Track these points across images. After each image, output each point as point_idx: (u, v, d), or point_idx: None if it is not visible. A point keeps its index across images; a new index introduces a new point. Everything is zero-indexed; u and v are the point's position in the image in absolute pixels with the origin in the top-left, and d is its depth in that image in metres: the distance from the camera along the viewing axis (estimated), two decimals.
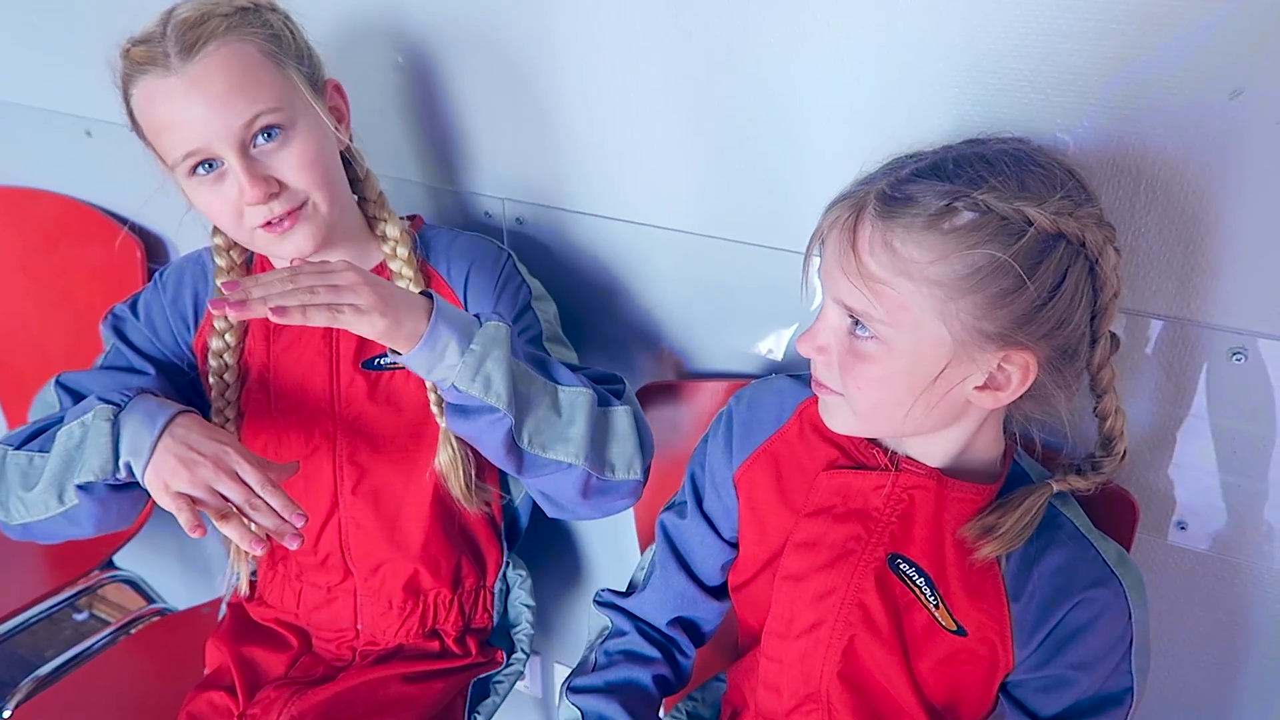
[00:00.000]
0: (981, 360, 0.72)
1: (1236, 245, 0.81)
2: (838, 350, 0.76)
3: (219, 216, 0.92)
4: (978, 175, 0.70)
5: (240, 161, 0.87)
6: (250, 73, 0.88)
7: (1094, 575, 0.78)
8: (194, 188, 0.91)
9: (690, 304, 1.11)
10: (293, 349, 1.03)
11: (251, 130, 0.88)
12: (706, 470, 0.95)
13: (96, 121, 1.48)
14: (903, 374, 0.73)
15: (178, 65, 0.85)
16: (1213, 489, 0.90)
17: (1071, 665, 0.77)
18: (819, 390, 0.81)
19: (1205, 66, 0.76)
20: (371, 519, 1.07)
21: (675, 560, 0.96)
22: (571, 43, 1.04)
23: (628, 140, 1.06)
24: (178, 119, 0.87)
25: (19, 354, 1.67)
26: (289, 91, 0.90)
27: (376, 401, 1.03)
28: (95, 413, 0.88)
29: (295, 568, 1.13)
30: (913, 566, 0.81)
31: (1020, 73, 0.83)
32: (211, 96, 0.86)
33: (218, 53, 0.86)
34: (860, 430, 0.82)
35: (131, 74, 0.88)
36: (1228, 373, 0.85)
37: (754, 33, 0.94)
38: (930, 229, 0.68)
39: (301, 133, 0.91)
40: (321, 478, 1.06)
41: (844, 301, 0.74)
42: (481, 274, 1.02)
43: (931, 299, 0.69)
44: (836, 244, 0.74)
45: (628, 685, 0.94)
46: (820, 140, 0.95)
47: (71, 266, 1.56)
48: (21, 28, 1.49)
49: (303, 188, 0.90)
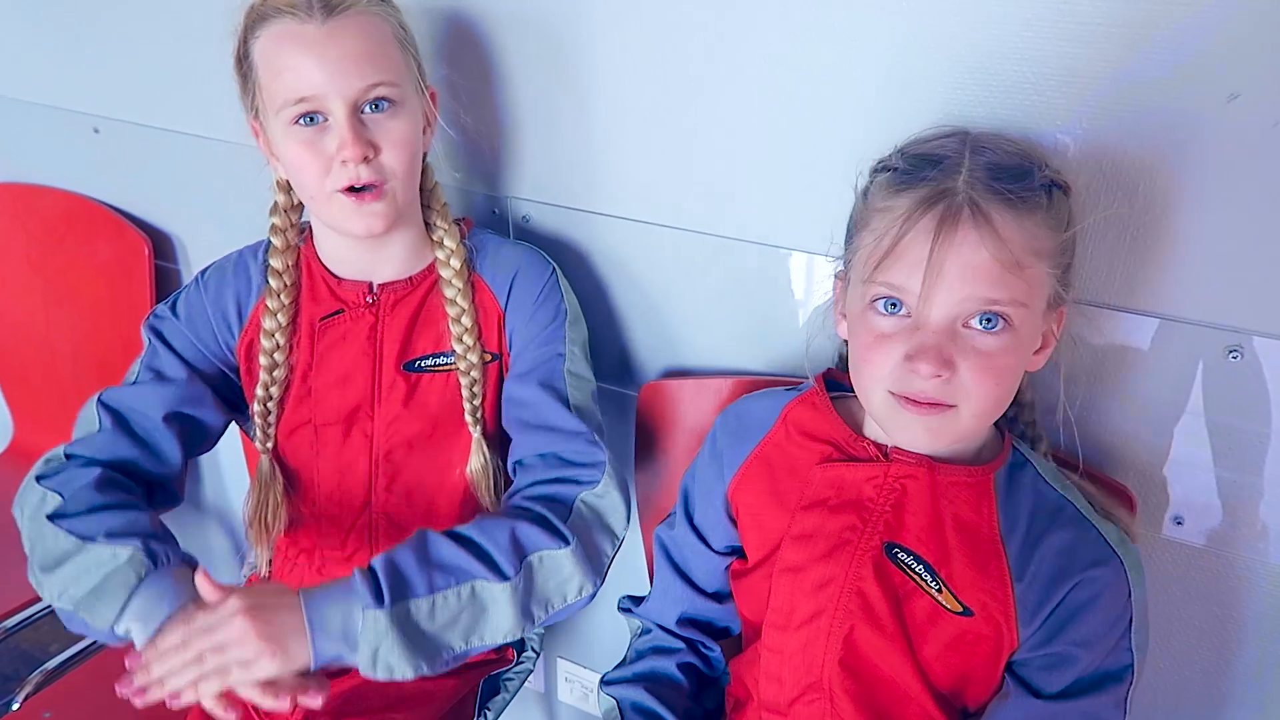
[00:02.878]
0: (1046, 321, 0.79)
1: (1233, 244, 0.82)
2: (965, 355, 0.74)
3: (305, 169, 0.93)
4: (1023, 154, 0.76)
5: (349, 118, 0.90)
6: (380, 45, 0.92)
7: (1095, 555, 0.79)
8: (289, 136, 0.92)
9: (693, 301, 1.12)
10: (337, 348, 1.04)
11: (367, 96, 0.91)
12: (697, 483, 0.98)
13: (104, 118, 1.49)
14: (1025, 355, 0.77)
15: (319, 18, 0.89)
16: (1209, 485, 0.91)
17: (1074, 643, 0.79)
18: (925, 412, 0.76)
19: (1203, 70, 0.78)
20: (403, 516, 1.08)
21: (672, 569, 1.00)
22: (579, 41, 1.06)
23: (633, 139, 1.07)
24: (304, 65, 0.89)
25: (26, 349, 1.68)
26: (406, 75, 0.95)
27: (415, 402, 1.05)
28: (129, 559, 0.88)
29: (318, 560, 1.14)
30: (910, 554, 0.82)
31: (1019, 74, 0.84)
32: (344, 53, 0.89)
33: (358, 19, 0.91)
34: (964, 438, 0.80)
35: (267, 14, 0.91)
36: (1224, 370, 0.86)
37: (760, 33, 0.95)
38: (1038, 208, 0.74)
39: (406, 114, 0.94)
40: (357, 474, 1.07)
41: (989, 295, 0.72)
42: (524, 286, 1.04)
43: (1047, 270, 0.75)
44: (970, 242, 0.71)
45: (654, 674, 0.99)
46: (824, 139, 0.96)
47: (78, 262, 1.57)
48: (29, 25, 1.50)
49: (391, 165, 0.93)
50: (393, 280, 1.04)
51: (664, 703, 0.95)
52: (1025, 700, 0.80)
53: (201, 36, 1.32)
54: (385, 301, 1.04)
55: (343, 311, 1.04)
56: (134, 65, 1.42)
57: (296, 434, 1.08)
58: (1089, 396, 0.92)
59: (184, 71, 1.37)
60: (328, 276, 1.04)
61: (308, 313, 1.05)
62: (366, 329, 1.03)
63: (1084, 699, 0.79)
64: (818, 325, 1.01)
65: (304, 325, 1.05)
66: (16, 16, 1.51)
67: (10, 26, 1.52)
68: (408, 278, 1.04)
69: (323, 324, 1.04)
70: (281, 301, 1.03)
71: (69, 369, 1.63)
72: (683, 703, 0.97)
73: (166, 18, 1.35)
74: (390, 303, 1.04)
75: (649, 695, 0.96)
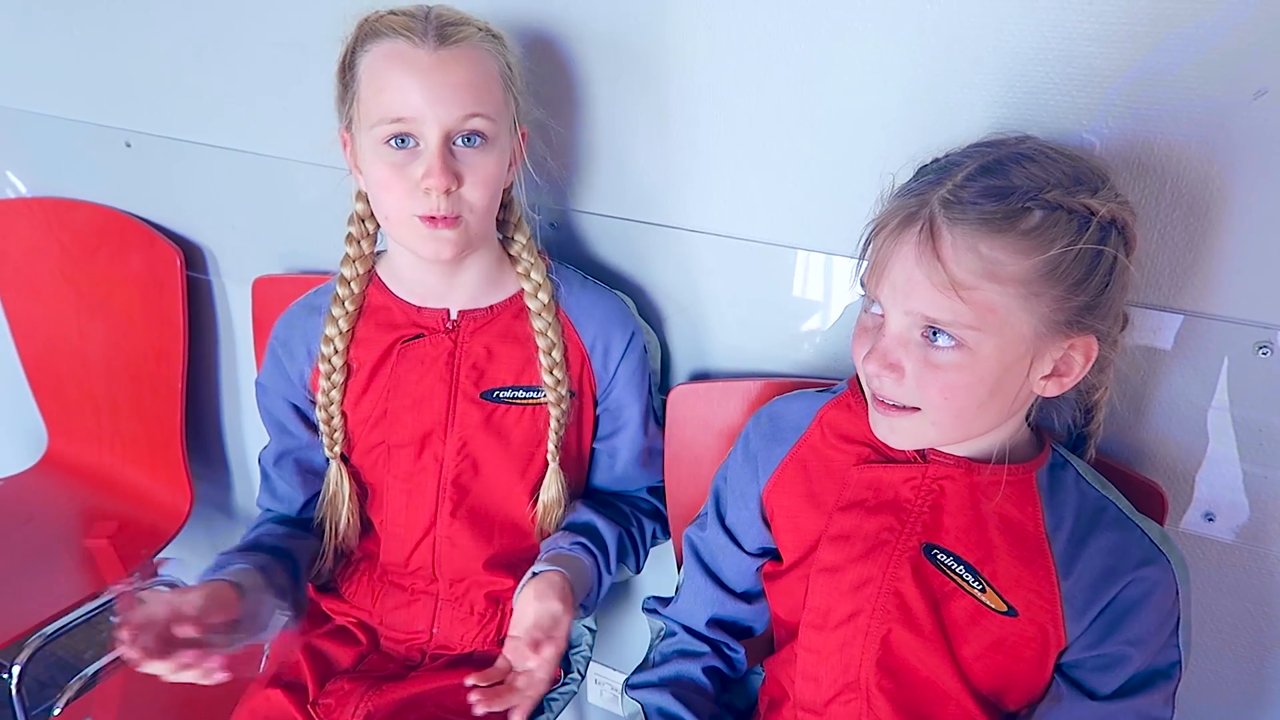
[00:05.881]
0: (1053, 349, 0.75)
1: (1260, 240, 0.82)
2: (913, 364, 0.76)
3: (388, 188, 0.94)
4: (1032, 173, 0.72)
5: (440, 147, 0.91)
6: (485, 80, 0.93)
7: (1143, 554, 0.80)
8: (378, 155, 0.94)
9: (721, 304, 1.13)
10: (414, 371, 1.06)
11: (463, 128, 0.92)
12: (730, 484, 0.98)
13: (136, 133, 1.51)
14: (987, 376, 0.75)
15: (431, 44, 0.90)
16: (1238, 481, 0.91)
17: (1127, 642, 0.79)
18: (886, 412, 0.80)
19: (1229, 67, 0.78)
20: (467, 539, 1.10)
21: (702, 570, 1.00)
22: (605, 51, 1.07)
23: (660, 145, 1.09)
24: (408, 87, 0.90)
25: (59, 361, 1.71)
26: (504, 113, 0.96)
27: (489, 431, 1.07)
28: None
29: (380, 568, 1.15)
30: (950, 555, 0.83)
31: (1046, 76, 0.85)
32: (448, 83, 0.91)
33: (468, 52, 0.92)
34: (936, 442, 0.83)
35: (379, 31, 0.92)
36: (1253, 366, 0.87)
37: (791, 44, 0.96)
38: (1009, 230, 0.71)
39: (496, 152, 0.96)
40: (424, 497, 1.09)
41: (925, 313, 0.74)
42: (610, 347, 1.09)
43: (1016, 297, 0.72)
44: (911, 257, 0.73)
45: (679, 679, 0.98)
46: (851, 142, 0.97)
47: (111, 275, 1.59)
48: (62, 43, 1.53)
49: (471, 199, 0.95)
50: (472, 308, 1.06)
51: (690, 708, 0.95)
52: (1080, 703, 0.80)
53: (231, 52, 1.35)
54: (465, 328, 1.05)
55: (423, 336, 1.06)
56: (165, 81, 1.44)
57: (372, 453, 1.10)
58: (1116, 394, 0.92)
59: (214, 87, 1.39)
60: (406, 304, 1.06)
61: (388, 337, 1.06)
62: (445, 354, 1.05)
63: (1137, 697, 0.80)
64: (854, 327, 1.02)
65: (383, 349, 1.07)
66: (50, 35, 1.54)
67: (44, 44, 1.55)
68: (488, 306, 1.06)
69: (403, 347, 1.06)
70: (345, 309, 1.05)
71: (102, 380, 1.65)
72: (708, 707, 0.98)
73: (197, 35, 1.37)
74: (470, 330, 1.05)
75: (675, 700, 0.96)
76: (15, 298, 1.72)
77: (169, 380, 1.53)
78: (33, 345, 1.74)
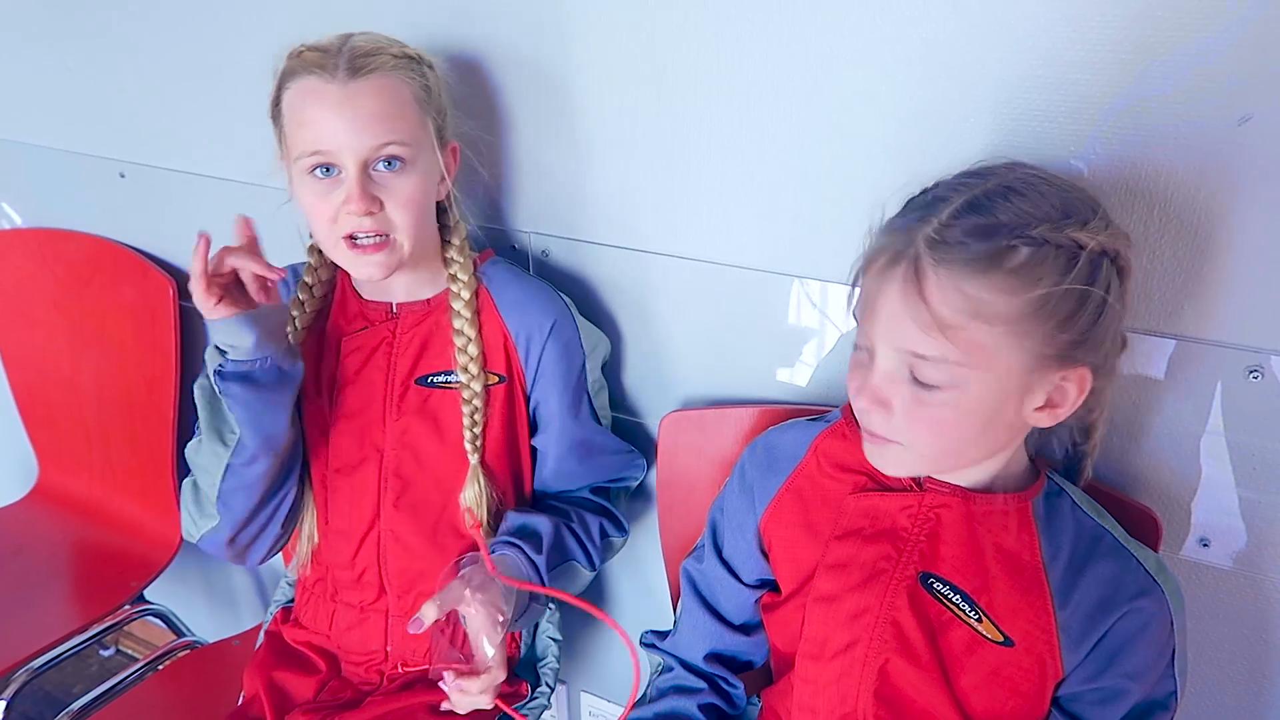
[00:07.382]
0: (1045, 383, 0.74)
1: (1250, 265, 0.83)
2: (901, 400, 0.76)
3: (316, 215, 0.99)
4: (1019, 208, 0.71)
5: (358, 175, 0.95)
6: (397, 108, 0.97)
7: (1139, 585, 0.79)
8: (305, 184, 0.98)
9: (714, 331, 1.13)
10: (354, 358, 1.10)
11: (378, 154, 0.96)
12: (727, 515, 0.98)
13: (130, 164, 1.52)
14: (976, 412, 0.74)
15: (342, 79, 0.94)
16: (1234, 506, 0.91)
17: (1125, 675, 0.79)
18: (875, 442, 0.80)
19: (1214, 93, 0.79)
20: (410, 533, 1.11)
21: (700, 604, 1.00)
22: (597, 77, 1.08)
23: (652, 173, 1.09)
24: (323, 121, 0.95)
25: (52, 392, 1.70)
26: (420, 136, 0.99)
27: (425, 418, 1.09)
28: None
29: (330, 586, 1.16)
30: (946, 584, 0.82)
31: (1035, 103, 0.86)
32: (359, 114, 0.94)
33: (380, 80, 0.96)
34: (925, 471, 0.83)
35: (297, 70, 0.97)
36: (1245, 390, 0.87)
37: (781, 70, 0.97)
38: (994, 269, 0.70)
39: (416, 173, 0.99)
40: (367, 488, 1.11)
41: (913, 350, 0.73)
42: (533, 336, 1.10)
43: (1005, 335, 0.71)
44: (897, 296, 0.73)
45: (674, 715, 0.98)
46: (844, 169, 0.98)
47: (104, 305, 1.59)
48: (56, 74, 1.54)
49: (395, 219, 0.98)
50: (410, 300, 1.09)
51: None
52: None
53: (223, 83, 1.36)
54: (404, 320, 1.09)
55: (367, 328, 1.10)
56: (158, 112, 1.45)
57: (315, 442, 1.12)
58: (1108, 419, 0.92)
59: (206, 117, 1.40)
60: (357, 297, 1.11)
61: (339, 328, 1.11)
62: (384, 343, 1.09)
63: None
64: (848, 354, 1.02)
65: (333, 339, 1.11)
66: (44, 66, 1.54)
67: (38, 76, 1.56)
68: (425, 300, 1.09)
69: (348, 337, 1.10)
70: (304, 310, 1.09)
71: (94, 411, 1.65)
72: None
73: (189, 66, 1.38)
74: (409, 322, 1.09)
75: None
76: (8, 328, 1.71)
77: (161, 410, 1.53)
78: (25, 376, 1.73)
